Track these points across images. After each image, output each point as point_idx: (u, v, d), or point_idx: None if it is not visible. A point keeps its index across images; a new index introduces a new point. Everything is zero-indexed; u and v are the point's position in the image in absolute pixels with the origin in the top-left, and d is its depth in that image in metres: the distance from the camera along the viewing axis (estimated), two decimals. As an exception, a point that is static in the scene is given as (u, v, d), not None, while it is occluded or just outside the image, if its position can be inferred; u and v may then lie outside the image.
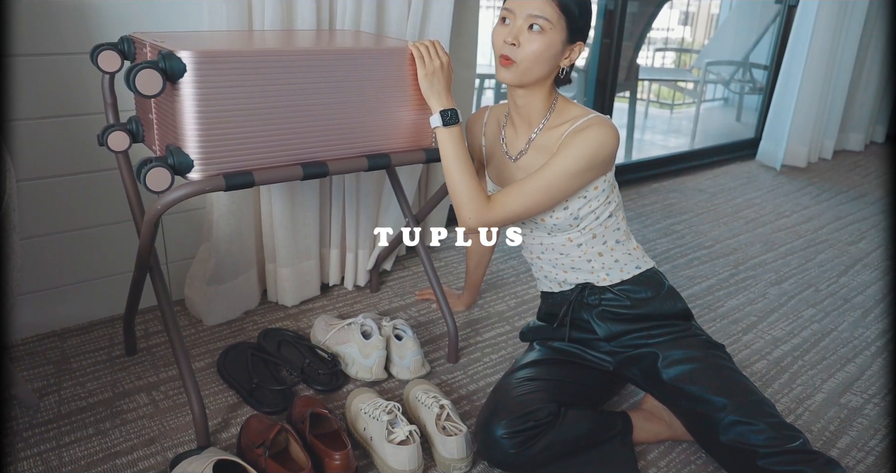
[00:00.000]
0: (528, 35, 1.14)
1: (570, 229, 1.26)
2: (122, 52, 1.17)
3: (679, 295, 1.32)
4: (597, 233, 1.27)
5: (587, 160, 1.17)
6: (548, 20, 1.13)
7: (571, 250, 1.28)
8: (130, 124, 1.21)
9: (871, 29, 3.40)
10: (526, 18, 1.14)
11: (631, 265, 1.29)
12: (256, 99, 1.09)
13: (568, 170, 1.16)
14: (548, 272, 1.35)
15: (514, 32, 1.15)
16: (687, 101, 4.80)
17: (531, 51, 1.15)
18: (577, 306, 1.32)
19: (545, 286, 1.39)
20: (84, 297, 1.57)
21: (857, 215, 2.68)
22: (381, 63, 1.21)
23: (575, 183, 1.18)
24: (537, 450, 1.14)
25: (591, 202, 1.24)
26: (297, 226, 1.66)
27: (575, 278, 1.31)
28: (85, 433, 1.26)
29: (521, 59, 1.15)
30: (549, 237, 1.29)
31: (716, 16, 5.66)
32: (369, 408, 1.24)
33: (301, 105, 1.14)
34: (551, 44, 1.15)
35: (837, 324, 1.82)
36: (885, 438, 1.37)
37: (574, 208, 1.23)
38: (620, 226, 1.29)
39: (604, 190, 1.24)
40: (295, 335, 1.56)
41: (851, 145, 3.70)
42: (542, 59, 1.16)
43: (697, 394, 1.16)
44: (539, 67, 1.17)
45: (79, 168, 1.46)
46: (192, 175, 1.08)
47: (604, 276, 1.29)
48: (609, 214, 1.26)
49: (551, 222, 1.25)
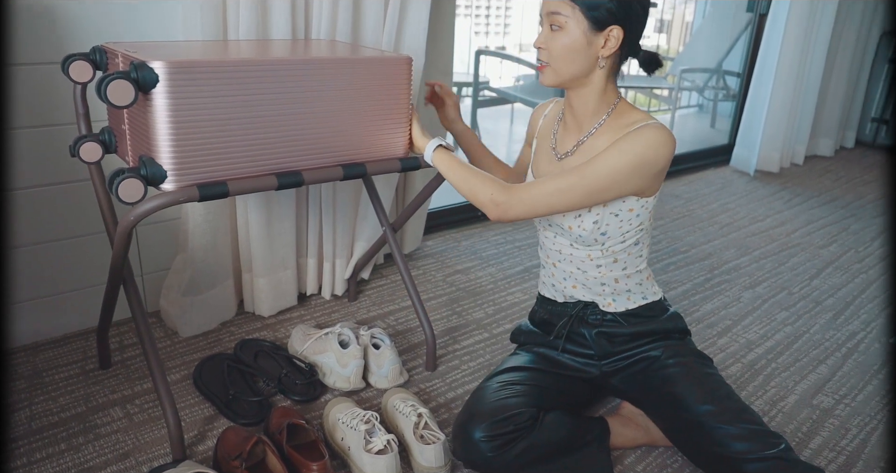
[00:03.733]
0: (551, 35, 1.13)
1: (595, 244, 1.22)
2: (94, 63, 1.16)
3: (681, 318, 1.31)
4: (619, 258, 1.24)
5: (635, 159, 1.10)
6: (562, 15, 1.11)
7: (589, 268, 1.26)
8: (103, 135, 1.20)
9: (839, 37, 3.48)
10: (546, 18, 1.14)
11: (638, 296, 1.28)
12: (230, 109, 1.09)
13: (611, 166, 1.10)
14: (557, 282, 1.32)
15: (541, 36, 1.15)
16: (662, 107, 4.87)
17: (556, 50, 1.13)
18: (576, 321, 1.31)
19: (548, 293, 1.37)
20: (57, 310, 1.55)
21: (828, 219, 2.74)
22: (357, 73, 1.22)
23: (616, 185, 1.12)
24: (515, 454, 1.15)
25: (623, 224, 1.20)
26: (273, 236, 1.66)
27: (581, 295, 1.30)
28: (57, 448, 1.24)
29: (551, 59, 1.15)
30: (571, 249, 1.26)
31: (690, 23, 5.75)
32: (347, 418, 1.24)
33: (276, 115, 1.14)
34: (573, 37, 1.12)
35: (809, 326, 1.85)
36: (856, 438, 1.40)
37: (603, 224, 1.19)
38: (643, 254, 1.27)
39: (638, 215, 1.20)
40: (272, 346, 1.55)
41: (822, 151, 3.77)
42: (571, 55, 1.13)
43: (682, 401, 1.17)
44: (571, 65, 1.14)
45: (51, 179, 1.44)
46: (166, 186, 1.07)
47: (609, 301, 1.28)
48: (636, 241, 1.24)
49: (577, 232, 1.21)
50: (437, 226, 2.35)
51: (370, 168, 1.28)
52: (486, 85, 3.72)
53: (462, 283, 1.99)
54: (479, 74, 3.49)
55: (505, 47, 5.53)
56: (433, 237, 2.31)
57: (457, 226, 2.41)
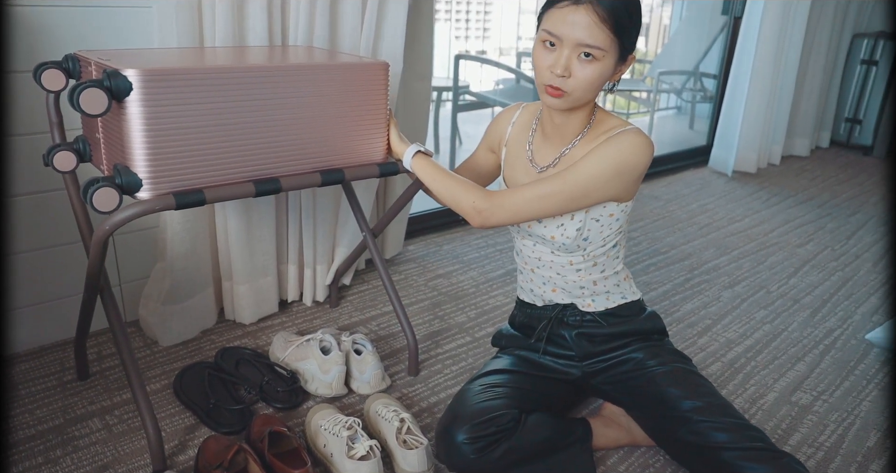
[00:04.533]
0: (579, 64, 1.06)
1: (577, 250, 1.22)
2: (67, 71, 1.15)
3: (659, 317, 1.32)
4: (598, 261, 1.24)
5: (615, 165, 1.10)
6: (601, 49, 1.05)
7: (569, 273, 1.26)
8: (77, 144, 1.19)
9: (812, 39, 3.54)
10: (575, 47, 1.05)
11: (617, 295, 1.29)
12: (205, 117, 1.09)
13: (592, 172, 1.10)
14: (535, 287, 1.33)
15: (563, 63, 1.06)
16: (641, 110, 4.91)
17: (584, 80, 1.07)
18: (555, 323, 1.32)
19: (527, 298, 1.37)
20: (33, 321, 1.52)
21: (804, 218, 2.78)
22: (333, 79, 1.22)
23: (597, 191, 1.12)
24: (497, 456, 1.15)
25: (604, 229, 1.20)
26: (253, 243, 1.65)
27: (561, 299, 1.30)
28: (34, 462, 1.22)
29: (573, 89, 1.08)
30: (551, 256, 1.26)
31: (667, 27, 5.82)
32: (329, 424, 1.24)
33: (252, 122, 1.14)
34: (605, 70, 1.08)
35: (788, 324, 1.88)
36: (834, 433, 1.42)
37: (585, 230, 1.19)
38: (620, 255, 1.28)
39: (618, 219, 1.21)
40: (253, 353, 1.54)
41: (798, 151, 3.83)
42: (596, 86, 1.09)
43: (667, 400, 1.19)
44: (592, 93, 1.11)
45: (25, 189, 1.42)
46: (141, 195, 1.06)
47: (589, 302, 1.29)
48: (615, 243, 1.25)
49: (561, 241, 1.21)
50: (418, 230, 2.36)
51: (348, 174, 1.28)
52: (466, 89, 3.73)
53: (444, 287, 1.99)
54: (459, 79, 3.50)
55: (485, 52, 5.55)
56: (415, 242, 2.31)
57: (438, 230, 2.41)
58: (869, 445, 1.38)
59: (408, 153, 1.27)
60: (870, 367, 1.68)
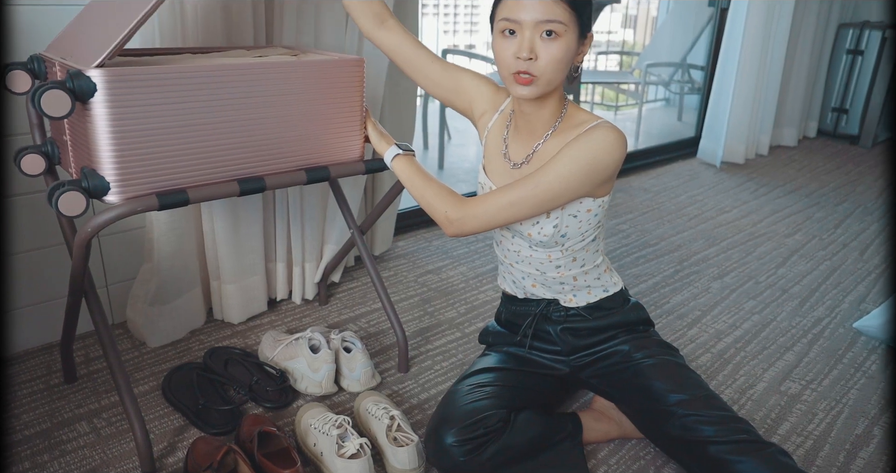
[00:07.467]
0: (544, 43, 1.05)
1: (555, 246, 1.21)
2: (33, 72, 1.12)
3: (643, 307, 1.32)
4: (577, 256, 1.23)
5: (587, 165, 1.08)
6: (561, 23, 1.03)
7: (548, 268, 1.25)
8: (46, 146, 1.16)
9: (798, 29, 3.55)
10: (536, 26, 1.04)
11: (598, 289, 1.28)
12: (175, 117, 1.06)
13: (563, 173, 1.08)
14: (516, 279, 1.32)
15: (527, 45, 1.04)
16: (630, 102, 4.92)
17: (552, 59, 1.05)
18: (540, 319, 1.32)
19: (509, 289, 1.36)
20: (18, 325, 1.51)
21: (792, 208, 2.79)
22: (307, 76, 1.20)
23: (569, 192, 1.10)
24: (487, 456, 1.15)
25: (582, 224, 1.19)
26: (240, 241, 1.64)
27: (542, 294, 1.29)
28: (20, 467, 1.21)
29: (542, 71, 1.06)
30: (530, 250, 1.24)
31: (655, 18, 5.82)
32: (319, 423, 1.23)
33: (227, 121, 1.12)
34: (569, 46, 1.06)
35: (776, 314, 1.89)
36: (822, 422, 1.42)
37: (563, 226, 1.18)
38: (599, 247, 1.26)
39: (596, 214, 1.19)
40: (242, 353, 1.53)
41: (786, 141, 3.84)
42: (562, 65, 1.07)
43: (654, 392, 1.19)
44: (559, 76, 1.08)
45: (8, 191, 1.41)
46: (109, 198, 1.04)
47: (570, 297, 1.28)
48: (594, 237, 1.23)
49: (538, 238, 1.20)
50: (407, 226, 2.35)
51: (334, 171, 1.27)
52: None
53: (433, 283, 1.99)
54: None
55: (474, 46, 5.54)
56: (404, 238, 2.30)
57: (427, 226, 2.41)
58: (857, 433, 1.39)
59: (388, 154, 1.25)
60: (857, 355, 1.69)
